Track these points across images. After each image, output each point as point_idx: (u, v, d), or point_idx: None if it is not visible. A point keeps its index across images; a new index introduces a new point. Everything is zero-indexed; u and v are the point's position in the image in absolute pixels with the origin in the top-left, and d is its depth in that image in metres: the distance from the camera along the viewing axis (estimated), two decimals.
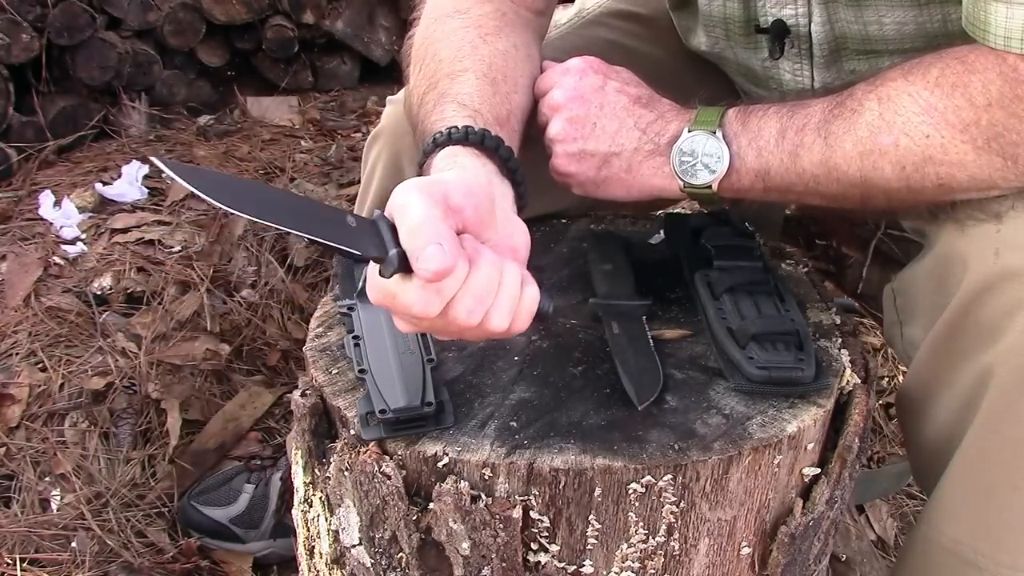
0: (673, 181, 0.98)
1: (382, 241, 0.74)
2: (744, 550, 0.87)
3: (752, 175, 0.96)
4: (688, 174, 0.96)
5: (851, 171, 0.91)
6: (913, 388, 1.00)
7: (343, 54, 2.96)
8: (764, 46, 1.13)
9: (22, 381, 1.69)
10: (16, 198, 2.16)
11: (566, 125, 0.99)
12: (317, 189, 2.39)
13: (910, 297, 1.03)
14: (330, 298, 1.02)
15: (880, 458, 1.90)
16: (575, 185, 1.02)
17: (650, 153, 0.99)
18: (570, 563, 0.83)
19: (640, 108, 1.00)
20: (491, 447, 0.80)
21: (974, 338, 0.90)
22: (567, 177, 1.02)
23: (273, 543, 1.60)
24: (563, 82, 1.01)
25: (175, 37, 2.58)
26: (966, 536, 0.94)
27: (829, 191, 0.94)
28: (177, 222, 2.12)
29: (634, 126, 0.99)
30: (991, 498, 0.92)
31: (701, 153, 0.96)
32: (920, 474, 1.05)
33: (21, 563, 1.48)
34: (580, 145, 0.99)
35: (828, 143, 0.92)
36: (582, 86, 1.00)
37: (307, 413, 0.87)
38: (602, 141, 0.99)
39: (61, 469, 1.62)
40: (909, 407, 1.01)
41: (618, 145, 0.99)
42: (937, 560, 0.97)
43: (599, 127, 0.99)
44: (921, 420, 0.99)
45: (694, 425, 0.83)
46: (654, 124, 0.99)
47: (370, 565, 0.87)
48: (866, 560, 1.55)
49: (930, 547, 0.98)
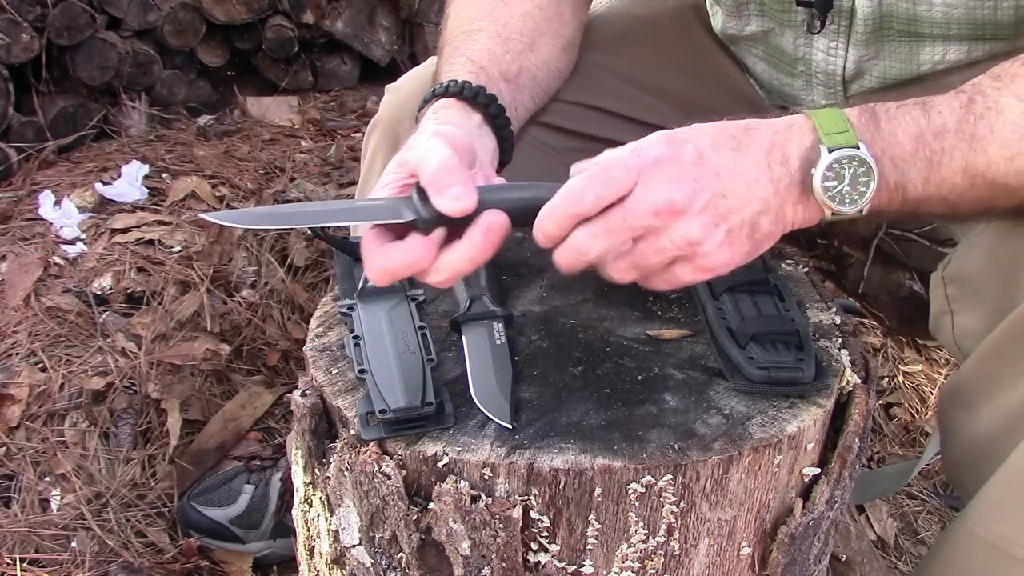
0: (818, 212, 0.83)
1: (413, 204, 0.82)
2: (744, 550, 0.87)
3: (891, 190, 0.83)
4: (837, 200, 0.81)
5: (997, 176, 0.83)
6: (967, 382, 0.97)
7: (343, 54, 2.96)
8: (801, 21, 1.11)
9: (22, 381, 1.69)
10: (16, 198, 2.16)
11: (702, 218, 0.78)
12: (317, 189, 2.39)
13: (967, 286, 0.99)
14: (330, 298, 1.02)
15: (880, 458, 1.90)
16: (727, 269, 0.83)
17: (789, 189, 0.81)
18: (570, 563, 0.83)
19: (748, 150, 0.81)
20: (491, 447, 0.80)
21: None
22: (721, 268, 0.82)
23: (273, 543, 1.60)
24: (651, 182, 0.78)
25: (175, 37, 2.58)
26: (1014, 532, 0.90)
27: (963, 200, 0.85)
28: (177, 222, 2.12)
29: (758, 171, 0.81)
30: None
31: (848, 175, 0.80)
32: (958, 468, 1.02)
33: (21, 563, 1.48)
34: (726, 227, 0.79)
35: (972, 147, 0.82)
36: (683, 170, 0.78)
37: (307, 413, 0.87)
38: (745, 208, 0.80)
39: (61, 469, 1.62)
40: (959, 400, 0.98)
41: (759, 201, 0.80)
42: (980, 556, 0.94)
43: (731, 195, 0.79)
44: (973, 414, 0.96)
45: (694, 425, 0.83)
46: (772, 154, 0.81)
47: (370, 565, 0.87)
48: (866, 560, 1.55)
49: (973, 542, 0.95)
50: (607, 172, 0.78)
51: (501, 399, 0.84)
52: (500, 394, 0.85)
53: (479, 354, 0.89)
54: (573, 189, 0.78)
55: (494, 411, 0.83)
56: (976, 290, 0.98)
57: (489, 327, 0.92)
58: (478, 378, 0.86)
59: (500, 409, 0.83)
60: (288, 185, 2.39)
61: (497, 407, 0.83)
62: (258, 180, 2.40)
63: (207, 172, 2.35)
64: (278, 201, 2.32)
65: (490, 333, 0.91)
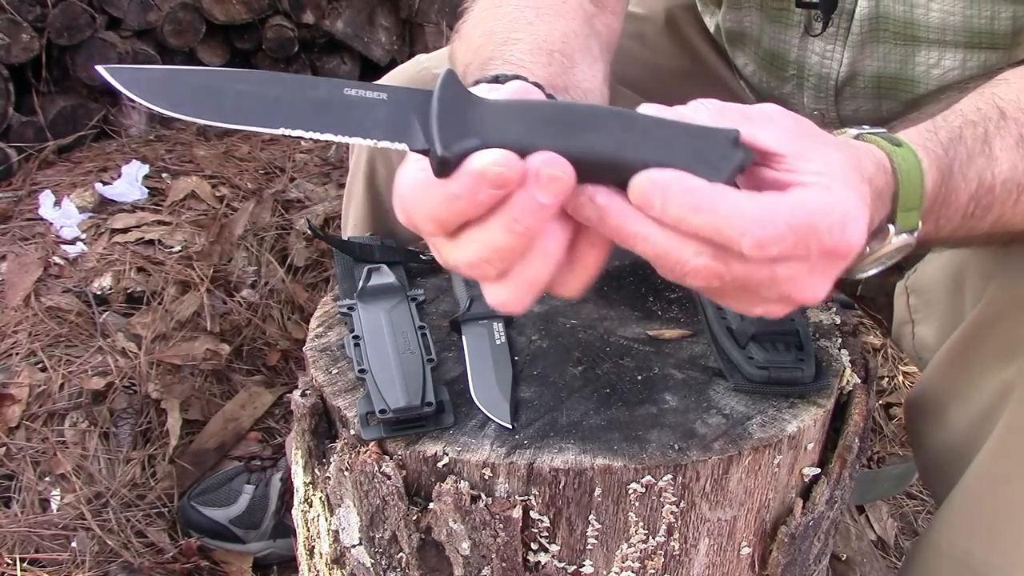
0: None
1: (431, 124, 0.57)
2: (744, 550, 0.87)
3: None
4: (865, 266, 0.74)
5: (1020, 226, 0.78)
6: (927, 393, 0.97)
7: (343, 54, 2.96)
8: (797, 22, 1.09)
9: (22, 381, 1.69)
10: (16, 198, 2.16)
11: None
12: (317, 189, 2.39)
13: (925, 297, 1.00)
14: (330, 298, 1.02)
15: (880, 458, 1.90)
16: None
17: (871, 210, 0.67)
18: (570, 563, 0.83)
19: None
20: (491, 447, 0.80)
21: (996, 351, 0.88)
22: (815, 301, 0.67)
23: (273, 543, 1.61)
24: (774, 232, 0.59)
25: (175, 37, 2.57)
26: (978, 549, 0.92)
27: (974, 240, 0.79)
28: (177, 222, 2.12)
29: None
30: (1008, 513, 0.90)
31: (891, 254, 0.71)
32: (929, 478, 1.04)
33: (21, 563, 1.48)
34: (842, 267, 0.65)
35: (1017, 201, 0.76)
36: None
37: (307, 413, 0.87)
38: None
39: (61, 469, 1.62)
40: (921, 410, 0.99)
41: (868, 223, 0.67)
42: (946, 570, 0.95)
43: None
44: (934, 425, 0.97)
45: (694, 425, 0.83)
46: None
47: (370, 565, 0.87)
48: (866, 560, 1.55)
49: (939, 556, 0.96)
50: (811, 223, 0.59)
51: (501, 399, 0.84)
52: (500, 394, 0.85)
53: (479, 354, 0.89)
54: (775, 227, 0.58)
55: (494, 411, 0.83)
56: (930, 301, 0.98)
57: (489, 327, 0.92)
58: (478, 378, 0.86)
59: (500, 409, 0.83)
60: (288, 185, 2.39)
61: (497, 407, 0.83)
62: (258, 180, 2.40)
63: (207, 172, 2.35)
64: (278, 201, 2.32)
65: (490, 333, 0.91)
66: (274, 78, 0.59)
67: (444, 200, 0.56)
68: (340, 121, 0.58)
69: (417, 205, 0.57)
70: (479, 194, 0.55)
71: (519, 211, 0.55)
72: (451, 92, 0.58)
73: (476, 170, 0.55)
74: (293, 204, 2.34)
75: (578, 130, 0.57)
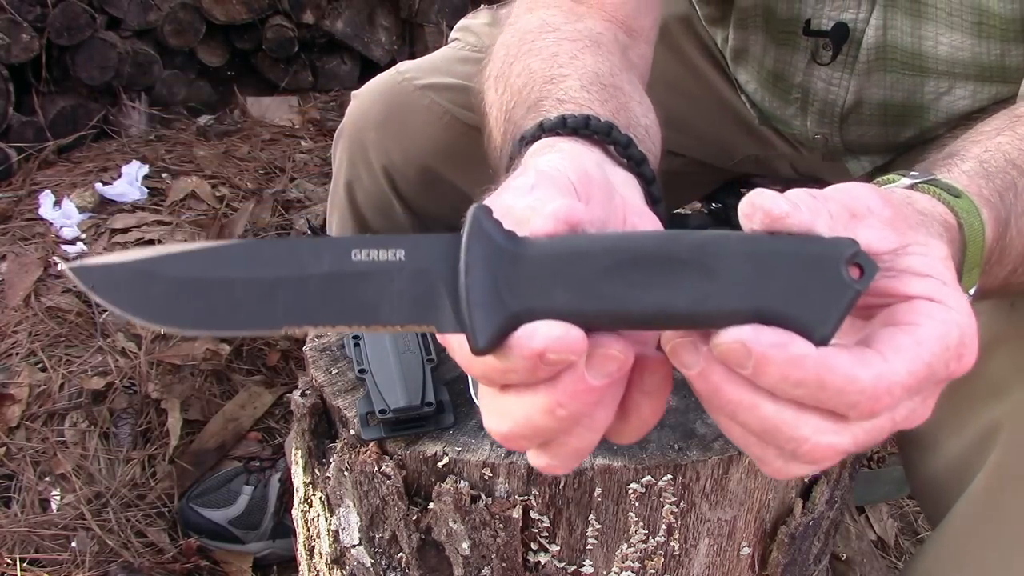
0: None
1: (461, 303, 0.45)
2: (744, 550, 0.87)
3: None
4: None
5: None
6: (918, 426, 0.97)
7: (343, 54, 2.96)
8: (806, 48, 1.06)
9: (22, 381, 1.69)
10: (16, 198, 2.16)
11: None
12: (317, 189, 2.39)
13: None
14: None
15: (880, 458, 1.90)
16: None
17: None
18: (570, 563, 0.83)
19: None
20: (491, 447, 0.80)
21: (983, 389, 0.87)
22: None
23: (272, 544, 1.61)
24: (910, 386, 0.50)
25: (175, 37, 2.58)
26: None
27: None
28: (177, 222, 2.12)
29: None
30: (997, 551, 0.88)
31: None
32: (924, 502, 1.02)
33: (21, 563, 1.48)
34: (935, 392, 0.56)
35: None
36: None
37: (307, 413, 0.87)
38: None
39: (61, 469, 1.62)
40: (913, 439, 0.98)
41: None
42: None
43: None
44: (926, 456, 0.95)
45: (694, 425, 0.83)
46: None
47: (370, 565, 0.87)
48: (866, 560, 1.55)
49: None
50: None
51: None
52: None
53: None
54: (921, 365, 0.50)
55: None
56: None
57: None
58: None
59: None
60: (288, 185, 2.39)
61: None
62: (258, 180, 2.40)
63: (207, 172, 2.36)
64: (278, 201, 2.32)
65: None
66: (267, 252, 0.47)
67: (495, 369, 0.46)
68: (353, 305, 0.46)
69: (468, 366, 0.48)
70: (537, 372, 0.45)
71: (564, 395, 0.45)
72: (481, 248, 0.45)
73: (535, 352, 0.44)
74: (293, 204, 2.35)
75: (646, 278, 0.45)
